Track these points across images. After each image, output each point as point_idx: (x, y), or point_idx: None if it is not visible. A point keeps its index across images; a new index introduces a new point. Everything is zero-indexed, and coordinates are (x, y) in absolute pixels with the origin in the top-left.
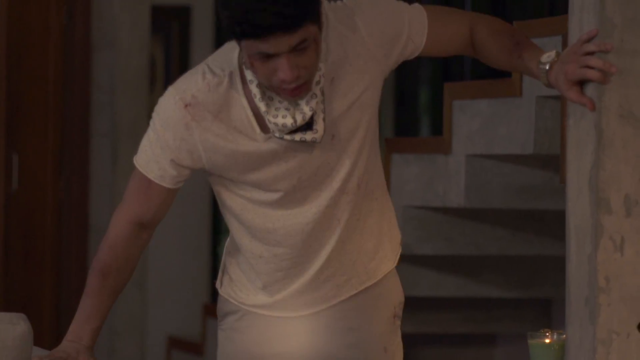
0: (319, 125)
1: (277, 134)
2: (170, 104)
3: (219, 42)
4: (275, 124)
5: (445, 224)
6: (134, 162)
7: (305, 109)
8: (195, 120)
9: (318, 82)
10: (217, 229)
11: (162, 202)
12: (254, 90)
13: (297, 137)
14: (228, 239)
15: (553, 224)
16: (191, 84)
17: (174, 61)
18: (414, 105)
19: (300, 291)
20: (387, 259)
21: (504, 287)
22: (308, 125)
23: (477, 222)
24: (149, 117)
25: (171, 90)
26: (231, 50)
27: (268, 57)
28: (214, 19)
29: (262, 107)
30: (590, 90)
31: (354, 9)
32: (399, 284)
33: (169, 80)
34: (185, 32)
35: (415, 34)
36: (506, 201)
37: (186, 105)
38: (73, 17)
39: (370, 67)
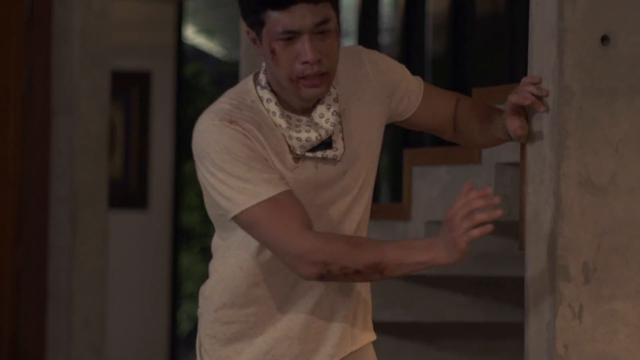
0: (339, 144)
1: (298, 151)
2: (215, 132)
3: (179, 107)
4: (299, 139)
5: (404, 291)
6: (238, 210)
7: (326, 125)
8: (245, 132)
9: (336, 100)
10: (177, 295)
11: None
12: (273, 108)
13: (319, 154)
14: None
15: (512, 290)
16: (220, 111)
17: (133, 126)
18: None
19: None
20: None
21: (463, 354)
22: (327, 145)
23: (436, 289)
24: (109, 182)
25: (207, 123)
26: (243, 84)
27: (290, 40)
28: (174, 84)
29: (282, 123)
30: (549, 158)
31: (360, 50)
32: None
33: (129, 145)
34: (145, 98)
35: (411, 91)
36: (465, 268)
37: (231, 122)
38: (32, 82)
39: (375, 103)
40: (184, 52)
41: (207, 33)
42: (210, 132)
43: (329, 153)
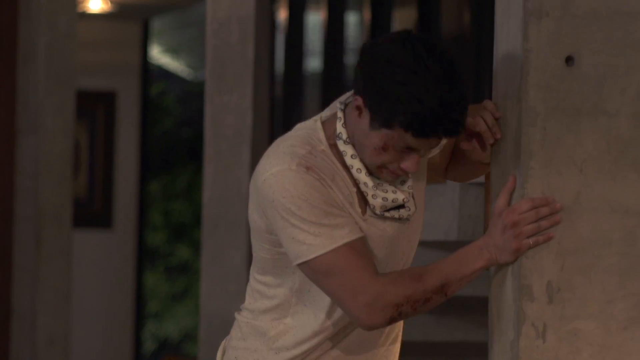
0: (411, 204)
1: (378, 211)
2: (292, 177)
3: (144, 127)
4: (385, 199)
5: None
6: (312, 255)
7: (405, 188)
8: (321, 181)
9: None
10: (141, 314)
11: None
12: (358, 164)
13: (397, 214)
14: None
15: (477, 310)
16: (295, 155)
17: (98, 146)
18: None
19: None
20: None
21: None
22: (400, 205)
23: None
24: (73, 201)
25: (281, 166)
26: (311, 130)
27: (407, 149)
28: (139, 103)
29: (369, 181)
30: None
31: None
32: None
33: (94, 164)
34: (110, 117)
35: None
36: None
37: (308, 168)
38: None
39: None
40: (149, 72)
41: (173, 53)
42: (286, 177)
43: (404, 213)
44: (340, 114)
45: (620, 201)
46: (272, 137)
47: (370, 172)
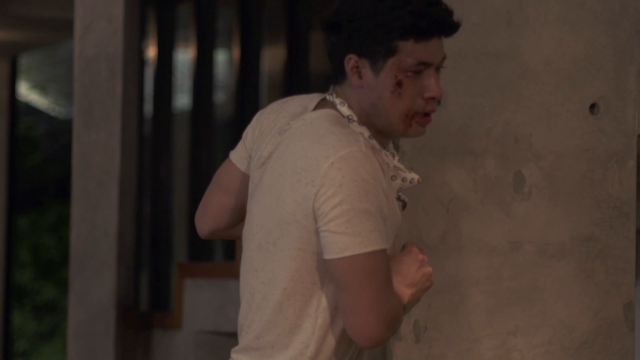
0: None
1: (400, 193)
2: (363, 159)
3: (12, 162)
4: (404, 179)
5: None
6: (364, 249)
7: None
8: (382, 166)
9: None
10: (8, 353)
11: None
12: (377, 145)
13: (405, 199)
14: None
15: None
16: (357, 136)
17: None
18: None
19: None
20: None
21: None
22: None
23: None
24: None
25: (350, 149)
26: (351, 133)
27: (419, 73)
28: (7, 139)
29: (395, 162)
30: None
31: None
32: None
33: None
34: None
35: None
36: None
37: (375, 152)
38: None
39: None
40: (17, 108)
41: (41, 89)
42: (358, 160)
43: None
44: (336, 99)
45: (485, 240)
46: (141, 176)
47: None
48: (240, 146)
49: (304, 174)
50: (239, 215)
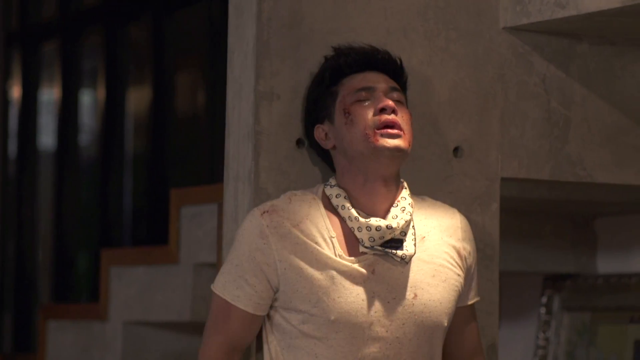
0: (409, 245)
1: (366, 244)
2: (248, 219)
3: None
4: (368, 228)
5: None
6: (213, 286)
7: (402, 215)
8: (270, 227)
9: (411, 205)
10: None
11: (247, 329)
12: (342, 202)
13: (395, 252)
14: None
15: None
16: (274, 201)
17: None
18: (72, 270)
19: None
20: None
21: None
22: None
23: None
24: None
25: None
26: (314, 189)
27: (363, 100)
28: None
29: (353, 212)
30: None
31: (456, 211)
32: None
33: None
34: None
35: (468, 290)
36: None
37: (262, 213)
38: None
39: (457, 257)
40: None
41: None
42: (246, 219)
43: (399, 252)
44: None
45: None
46: (4, 216)
47: (356, 207)
48: None
49: None
50: None
